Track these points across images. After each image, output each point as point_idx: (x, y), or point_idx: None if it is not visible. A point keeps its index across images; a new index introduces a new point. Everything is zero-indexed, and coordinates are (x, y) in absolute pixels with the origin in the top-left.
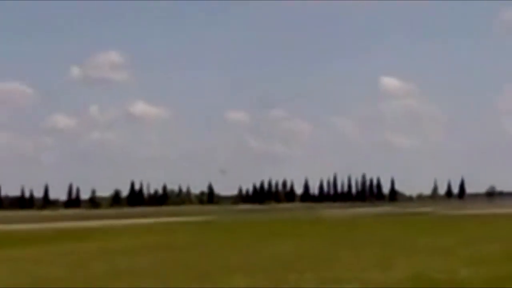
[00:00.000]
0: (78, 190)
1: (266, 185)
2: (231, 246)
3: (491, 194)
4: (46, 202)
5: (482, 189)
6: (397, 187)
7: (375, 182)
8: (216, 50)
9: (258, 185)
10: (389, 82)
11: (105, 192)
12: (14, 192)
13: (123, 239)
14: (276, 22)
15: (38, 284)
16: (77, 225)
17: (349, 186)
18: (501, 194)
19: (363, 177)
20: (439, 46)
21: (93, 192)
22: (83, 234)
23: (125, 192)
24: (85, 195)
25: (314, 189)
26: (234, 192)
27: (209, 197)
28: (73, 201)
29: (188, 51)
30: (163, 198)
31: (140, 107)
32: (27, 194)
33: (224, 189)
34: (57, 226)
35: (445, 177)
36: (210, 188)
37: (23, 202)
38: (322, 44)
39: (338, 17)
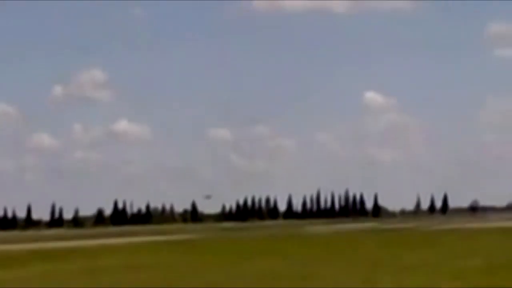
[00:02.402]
0: (61, 210)
1: (249, 203)
2: (215, 264)
3: (474, 209)
4: (29, 222)
5: (465, 203)
6: (380, 202)
7: (358, 197)
8: (198, 67)
9: (241, 202)
10: (372, 97)
11: (88, 211)
12: None
13: (107, 259)
14: (258, 39)
15: None
16: (60, 245)
17: (332, 202)
18: (484, 209)
19: (346, 193)
20: (421, 59)
21: (76, 211)
22: (66, 254)
23: (108, 211)
24: (68, 215)
25: (297, 206)
26: (218, 210)
27: (193, 215)
28: (56, 221)
29: (170, 69)
30: (146, 217)
31: (123, 125)
32: (9, 214)
33: (208, 207)
34: (40, 247)
35: (428, 192)
36: (194, 206)
37: (5, 223)
38: (304, 61)
39: (320, 33)
